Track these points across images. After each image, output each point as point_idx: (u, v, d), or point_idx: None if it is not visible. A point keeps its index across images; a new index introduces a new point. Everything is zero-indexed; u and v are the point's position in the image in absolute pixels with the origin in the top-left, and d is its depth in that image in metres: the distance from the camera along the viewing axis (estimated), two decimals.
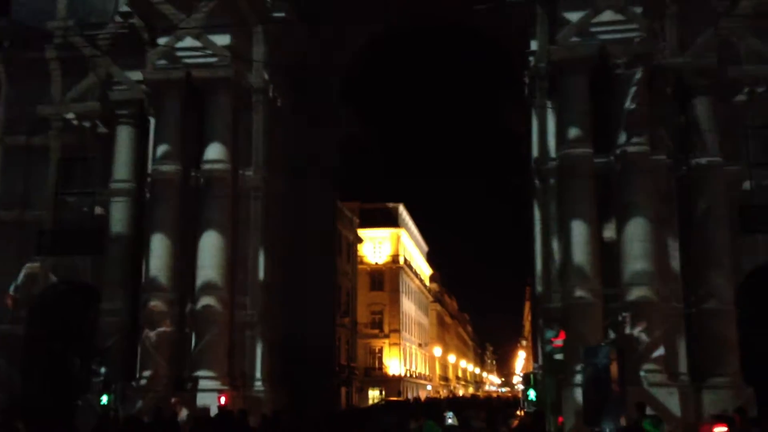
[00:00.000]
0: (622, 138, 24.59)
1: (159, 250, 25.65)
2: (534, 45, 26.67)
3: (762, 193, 26.01)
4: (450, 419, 20.79)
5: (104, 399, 22.94)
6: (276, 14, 28.12)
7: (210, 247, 25.75)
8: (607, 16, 25.01)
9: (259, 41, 28.21)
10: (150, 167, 26.56)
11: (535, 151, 26.45)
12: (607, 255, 24.43)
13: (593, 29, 25.11)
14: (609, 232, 24.79)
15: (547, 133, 25.96)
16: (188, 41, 26.53)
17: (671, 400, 22.82)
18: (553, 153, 25.46)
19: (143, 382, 24.87)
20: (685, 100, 25.86)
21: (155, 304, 25.30)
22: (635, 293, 23.65)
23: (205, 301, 25.39)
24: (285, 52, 29.54)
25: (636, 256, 23.79)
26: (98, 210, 28.37)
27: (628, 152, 24.38)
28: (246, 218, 27.27)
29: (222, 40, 26.72)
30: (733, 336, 24.39)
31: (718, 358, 24.28)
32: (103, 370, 24.24)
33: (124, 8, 27.35)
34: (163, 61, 26.69)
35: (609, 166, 24.97)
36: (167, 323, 25.33)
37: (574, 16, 25.30)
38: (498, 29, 33.16)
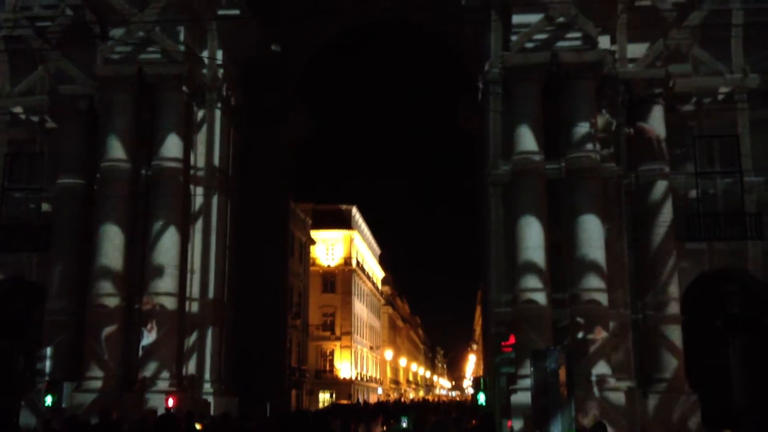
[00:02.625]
0: (573, 145, 24.92)
1: (108, 248, 25.23)
2: (488, 50, 26.84)
3: (708, 201, 26.57)
4: (404, 423, 20.84)
5: (48, 399, 22.44)
6: (230, 11, 27.91)
7: (160, 245, 25.39)
8: (560, 24, 25.31)
9: (214, 38, 27.95)
10: (99, 164, 26.07)
11: (488, 156, 26.64)
12: (558, 260, 24.72)
13: (546, 37, 25.39)
14: (559, 238, 25.06)
15: (500, 138, 26.16)
16: (140, 36, 26.12)
17: (619, 405, 23.12)
18: (506, 158, 25.66)
19: (90, 382, 24.41)
20: (635, 108, 26.28)
21: (103, 302, 24.88)
22: (585, 298, 23.95)
23: (155, 299, 25.03)
24: (240, 50, 29.34)
25: (586, 262, 24.11)
26: (45, 206, 27.79)
27: (579, 159, 24.72)
28: (198, 217, 27.00)
29: (175, 35, 26.38)
30: (678, 342, 24.84)
31: (664, 364, 24.73)
32: (48, 369, 23.76)
33: (76, 1, 26.82)
34: (114, 57, 26.21)
35: (560, 172, 25.27)
36: (115, 322, 24.91)
37: (527, 24, 25.54)
38: (454, 34, 33.38)
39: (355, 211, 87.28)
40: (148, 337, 24.86)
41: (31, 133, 28.23)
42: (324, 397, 75.94)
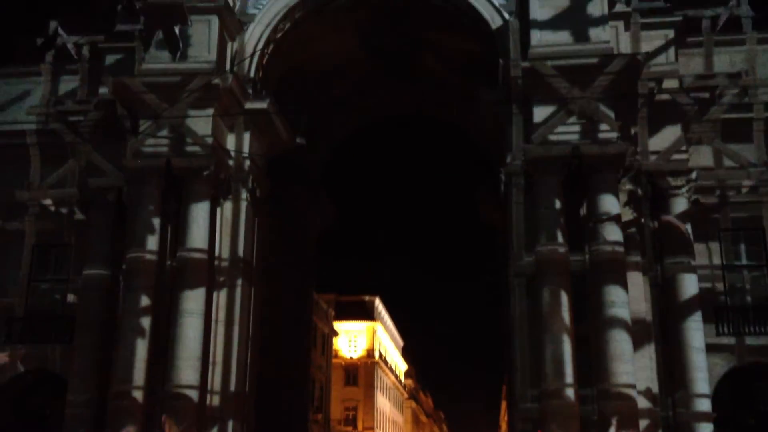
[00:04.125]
0: (597, 237, 24.84)
1: (130, 340, 25.16)
2: (510, 143, 27.10)
3: (736, 295, 26.25)
4: None
5: None
6: (257, 105, 28.60)
7: (184, 338, 25.29)
8: (581, 117, 25.58)
9: (241, 130, 28.56)
10: (125, 255, 26.32)
11: (511, 248, 26.56)
12: (584, 355, 24.28)
13: (567, 130, 25.62)
14: (586, 332, 24.69)
15: (523, 229, 26.13)
16: (169, 130, 26.75)
17: None
18: (529, 250, 25.57)
19: None
20: (658, 201, 26.27)
21: (124, 395, 24.66)
22: (614, 393, 23.41)
23: (176, 391, 24.79)
24: (266, 140, 29.90)
25: (614, 357, 23.65)
26: (71, 298, 27.93)
27: (603, 252, 24.59)
28: (221, 308, 26.95)
29: (203, 129, 26.97)
30: None
31: None
32: None
33: (108, 96, 27.60)
34: (143, 150, 26.78)
35: (585, 264, 25.12)
36: (136, 416, 24.62)
37: (548, 117, 25.80)
38: (475, 126, 33.94)
39: (378, 302, 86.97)
40: None
41: (59, 224, 28.59)
42: None
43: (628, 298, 24.45)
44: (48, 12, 29.59)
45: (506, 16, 27.88)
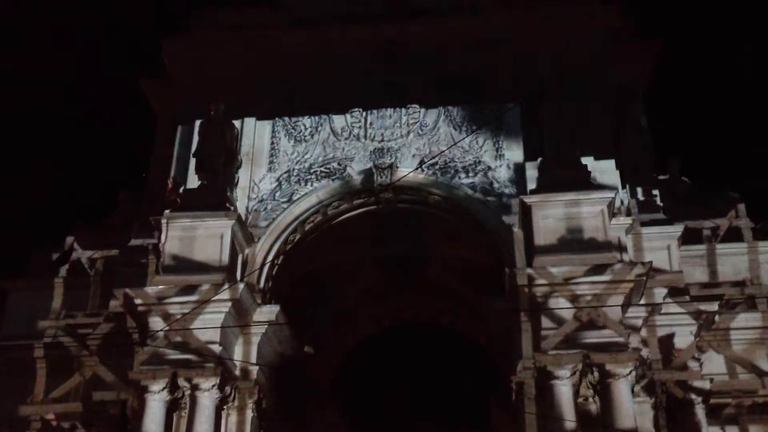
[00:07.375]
0: None
1: None
2: (519, 350, 26.85)
3: None
4: None
5: None
6: (266, 316, 28.60)
7: None
8: (590, 325, 25.41)
9: (249, 341, 28.41)
10: None
11: None
12: None
13: (577, 337, 25.41)
14: None
15: None
16: (177, 341, 26.63)
17: None
18: None
19: None
20: (675, 410, 25.74)
21: None
22: None
23: None
24: (273, 351, 29.73)
25: None
26: None
27: None
28: None
29: (211, 340, 26.72)
30: None
31: None
32: None
33: (118, 308, 27.76)
34: (149, 361, 26.48)
35: None
36: None
37: (557, 324, 25.70)
38: (484, 333, 33.88)
39: None
40: None
41: None
42: None
43: None
44: (65, 228, 30.64)
45: (510, 226, 28.53)
